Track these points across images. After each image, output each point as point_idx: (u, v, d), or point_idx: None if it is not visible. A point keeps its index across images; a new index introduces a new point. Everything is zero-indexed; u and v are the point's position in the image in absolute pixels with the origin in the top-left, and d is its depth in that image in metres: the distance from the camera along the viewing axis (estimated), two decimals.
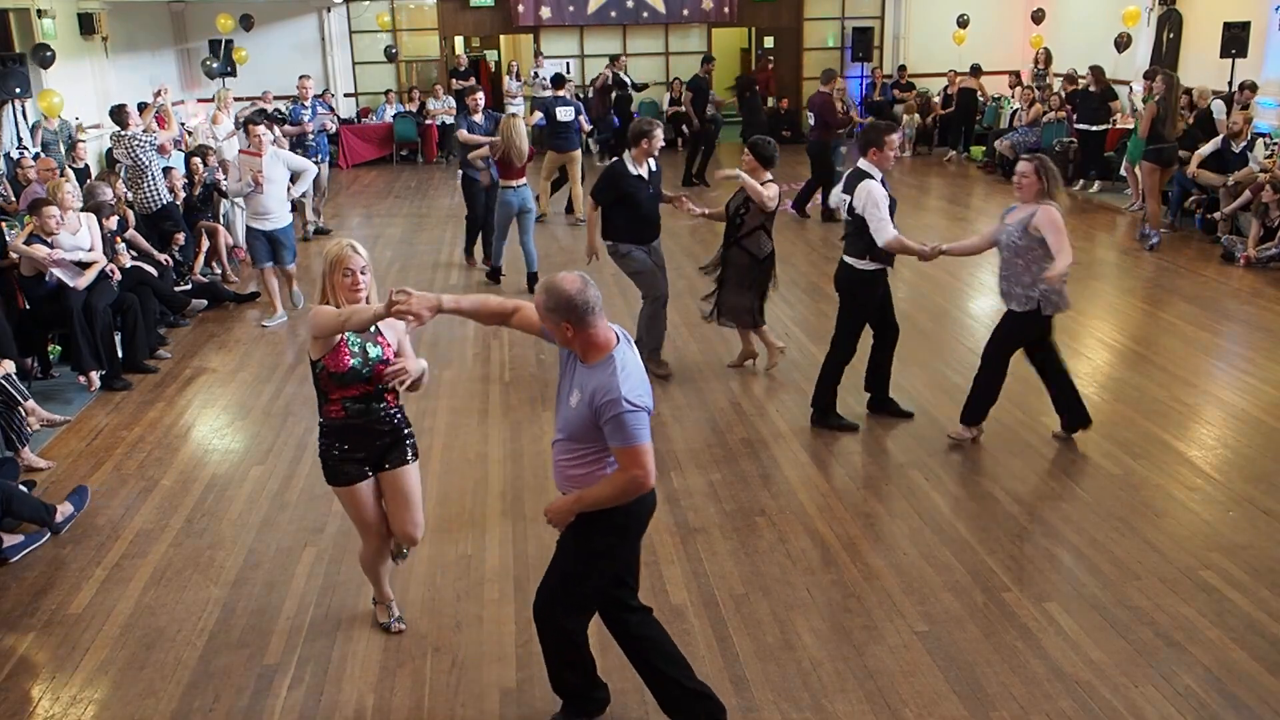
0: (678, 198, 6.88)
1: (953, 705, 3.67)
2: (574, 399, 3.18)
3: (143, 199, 9.01)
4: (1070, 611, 4.20)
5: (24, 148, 10.56)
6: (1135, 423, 6.05)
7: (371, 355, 3.78)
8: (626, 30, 18.19)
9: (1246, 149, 10.22)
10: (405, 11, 17.97)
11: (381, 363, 3.78)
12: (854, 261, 5.77)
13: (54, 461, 5.93)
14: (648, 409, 3.12)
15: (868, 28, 17.70)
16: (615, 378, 3.06)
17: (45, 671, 4.03)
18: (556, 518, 3.32)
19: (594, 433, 3.13)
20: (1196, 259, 9.82)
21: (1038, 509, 5.10)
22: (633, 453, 3.09)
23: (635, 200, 6.61)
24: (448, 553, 4.80)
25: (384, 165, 17.13)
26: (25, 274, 7.01)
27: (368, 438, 3.87)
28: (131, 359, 7.34)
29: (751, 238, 6.60)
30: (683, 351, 7.50)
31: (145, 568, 4.74)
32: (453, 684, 3.88)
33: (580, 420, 3.16)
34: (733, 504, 5.21)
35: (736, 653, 4.00)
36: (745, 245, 6.64)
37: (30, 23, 11.82)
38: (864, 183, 5.60)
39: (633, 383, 3.09)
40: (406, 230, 12.11)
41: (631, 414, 3.05)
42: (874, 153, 5.66)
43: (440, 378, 7.12)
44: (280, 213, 8.31)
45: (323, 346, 3.71)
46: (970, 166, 15.48)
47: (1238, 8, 12.15)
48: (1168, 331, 7.72)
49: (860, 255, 5.72)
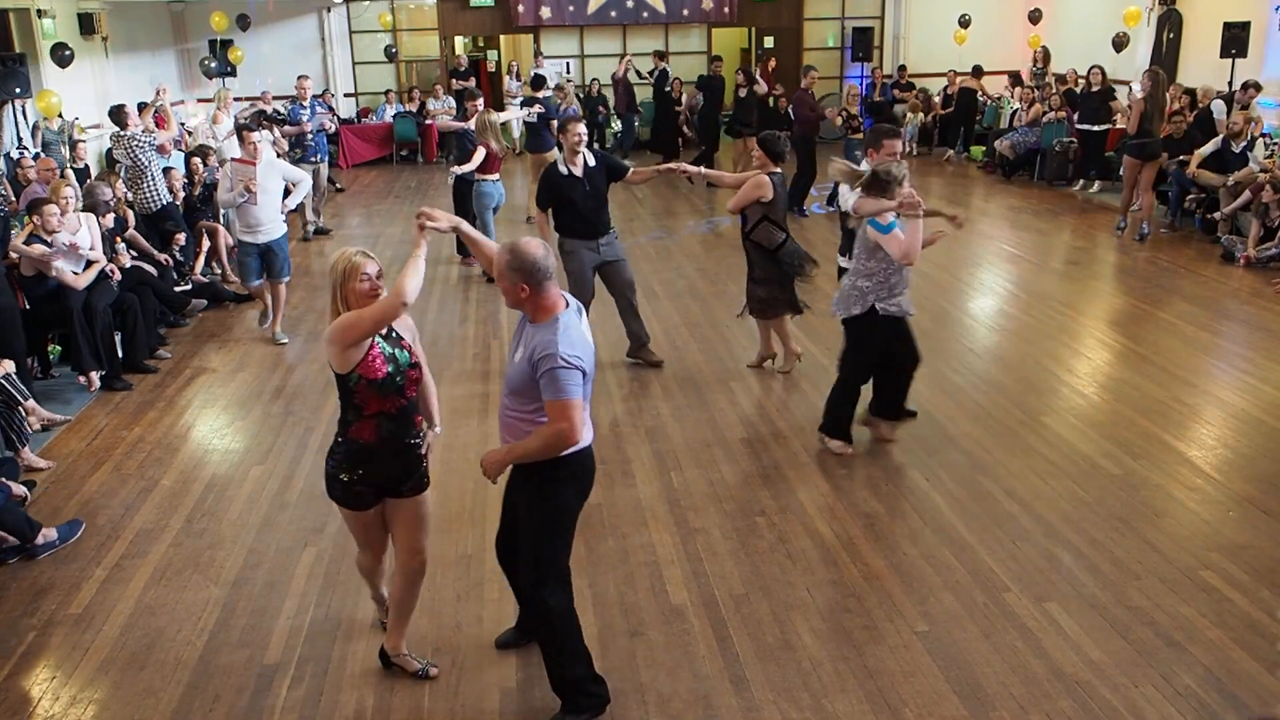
0: (669, 168, 7.07)
1: (953, 705, 3.67)
2: (518, 355, 3.40)
3: (143, 199, 9.00)
4: (1070, 611, 4.20)
5: (24, 148, 10.56)
6: (1135, 423, 6.05)
7: (401, 361, 3.60)
8: (626, 30, 18.20)
9: (1247, 149, 10.22)
10: (405, 11, 17.97)
11: (411, 368, 3.62)
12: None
13: (54, 461, 5.93)
14: (583, 369, 3.31)
15: (868, 28, 17.70)
16: (556, 336, 3.28)
17: (45, 671, 4.03)
18: (491, 469, 3.47)
19: (533, 388, 3.33)
20: (1196, 259, 9.82)
21: (1038, 509, 5.10)
22: (560, 406, 3.27)
23: (569, 199, 6.70)
24: (448, 553, 4.80)
25: (384, 165, 17.13)
26: (25, 274, 7.00)
27: (393, 461, 3.65)
28: (131, 359, 7.34)
29: (759, 231, 6.61)
30: (683, 351, 7.50)
31: (145, 568, 4.74)
32: (453, 684, 3.88)
33: (521, 375, 3.37)
34: (733, 504, 5.21)
35: (736, 653, 4.00)
36: (754, 239, 6.66)
37: (30, 23, 11.83)
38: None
39: (571, 341, 3.29)
40: (407, 230, 12.10)
41: (564, 370, 3.25)
42: (871, 154, 5.65)
43: (440, 378, 7.12)
44: (273, 224, 7.73)
45: (353, 356, 3.48)
46: (970, 166, 15.48)
47: (1238, 8, 12.15)
48: (1168, 331, 7.72)
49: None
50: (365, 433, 3.59)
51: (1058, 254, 10.29)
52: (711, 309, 8.54)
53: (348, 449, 3.62)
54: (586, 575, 4.57)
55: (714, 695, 3.76)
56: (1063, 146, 13.35)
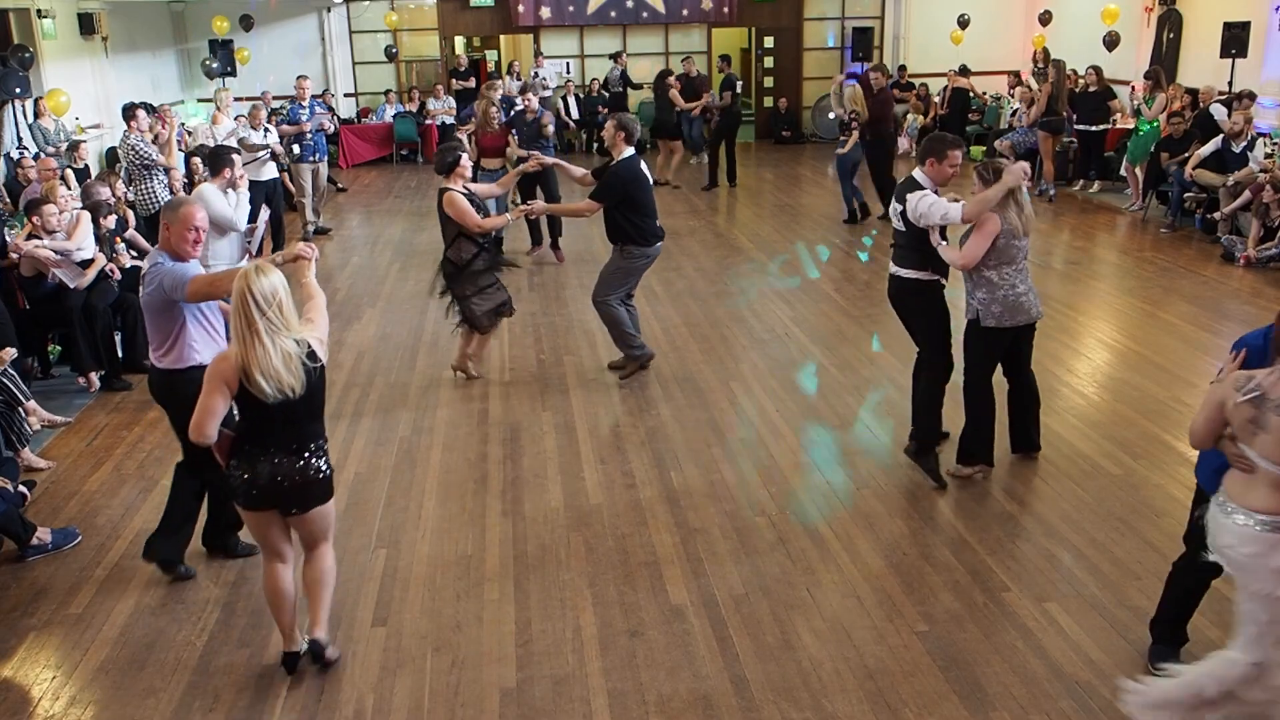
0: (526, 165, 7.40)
1: (953, 705, 3.67)
2: None
3: (143, 201, 9.01)
4: (1070, 611, 4.20)
5: (24, 148, 10.56)
6: (1135, 423, 6.05)
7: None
8: (626, 30, 18.19)
9: (1247, 149, 10.21)
10: (405, 11, 17.97)
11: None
12: (907, 273, 5.39)
13: (54, 461, 5.93)
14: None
15: (868, 28, 17.69)
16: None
17: (45, 672, 4.03)
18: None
19: None
20: (1196, 259, 9.82)
21: (1038, 509, 5.10)
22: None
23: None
24: (448, 553, 4.80)
25: (384, 165, 17.13)
26: (25, 274, 7.00)
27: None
28: (131, 359, 7.33)
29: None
30: (683, 351, 7.50)
31: (145, 568, 4.73)
32: (453, 684, 3.88)
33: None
34: (732, 504, 5.21)
35: (736, 653, 4.00)
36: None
37: (30, 23, 11.83)
38: (915, 193, 5.25)
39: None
40: (406, 230, 12.11)
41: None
42: (932, 164, 5.33)
43: (440, 377, 7.12)
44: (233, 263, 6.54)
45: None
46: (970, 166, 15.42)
47: (1238, 8, 12.14)
48: (1168, 331, 7.72)
49: (918, 266, 5.35)
50: None
51: (1058, 254, 10.29)
52: (711, 309, 8.54)
53: None
54: (586, 575, 4.57)
55: (714, 695, 3.76)
56: (1063, 146, 13.34)
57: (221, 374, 3.58)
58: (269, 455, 3.68)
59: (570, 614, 4.28)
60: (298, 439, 3.71)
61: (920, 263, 5.34)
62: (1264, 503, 3.07)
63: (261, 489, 3.69)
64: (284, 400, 3.57)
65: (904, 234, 5.37)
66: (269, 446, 3.68)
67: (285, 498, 3.73)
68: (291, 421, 3.67)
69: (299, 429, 3.70)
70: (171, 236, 4.28)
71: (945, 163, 5.31)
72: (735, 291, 9.05)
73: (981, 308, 5.16)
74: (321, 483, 3.78)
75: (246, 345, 3.52)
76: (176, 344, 4.35)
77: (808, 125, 18.70)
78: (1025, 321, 5.23)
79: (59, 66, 12.20)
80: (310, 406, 3.70)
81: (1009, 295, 5.10)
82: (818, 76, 18.26)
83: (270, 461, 3.67)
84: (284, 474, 3.68)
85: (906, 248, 5.39)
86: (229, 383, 3.57)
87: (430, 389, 6.90)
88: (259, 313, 3.51)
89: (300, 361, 3.59)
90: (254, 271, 3.57)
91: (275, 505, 3.76)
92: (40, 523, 5.00)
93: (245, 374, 3.53)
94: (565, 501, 5.27)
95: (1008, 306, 5.12)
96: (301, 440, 3.72)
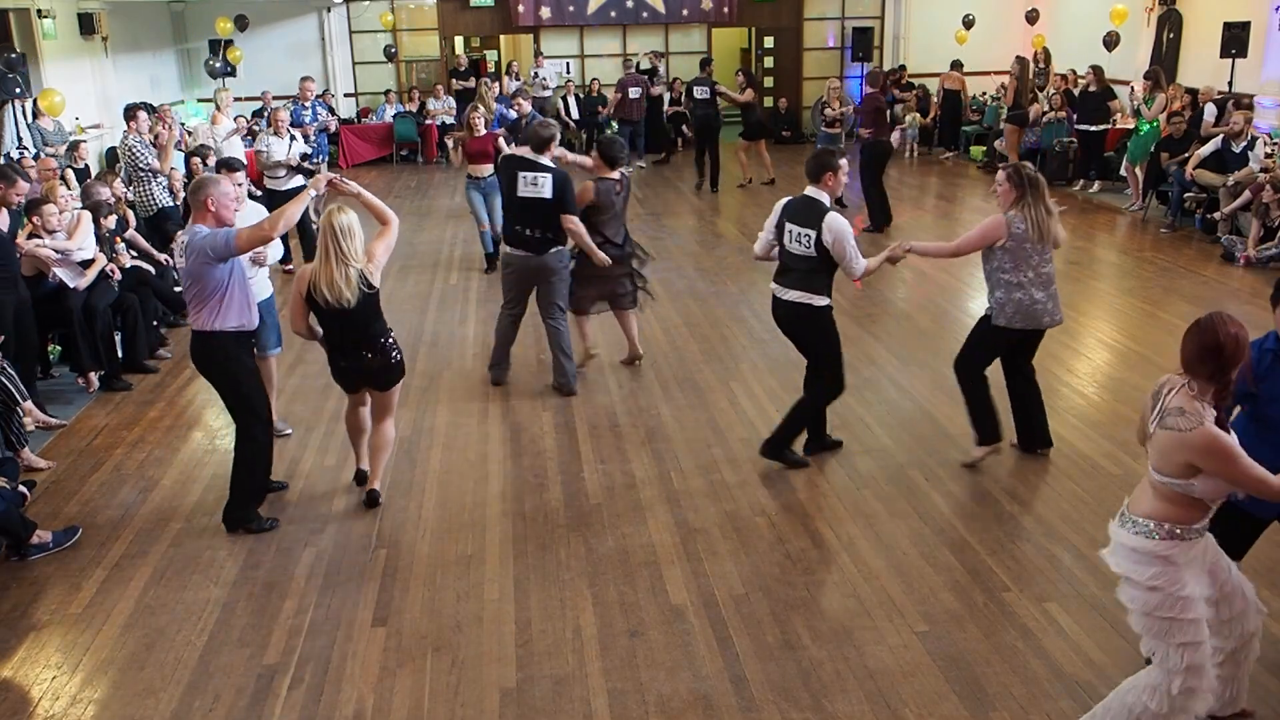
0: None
1: (953, 705, 3.67)
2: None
3: (142, 202, 9.01)
4: (1070, 611, 4.20)
5: (24, 148, 10.56)
6: (1135, 423, 6.00)
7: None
8: (626, 30, 18.20)
9: (1247, 149, 10.21)
10: (405, 11, 17.97)
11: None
12: (815, 299, 5.30)
13: (54, 461, 5.93)
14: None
15: (868, 28, 17.70)
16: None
17: (45, 671, 4.03)
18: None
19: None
20: (1196, 259, 9.82)
21: (1038, 509, 5.10)
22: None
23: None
24: (448, 553, 4.80)
25: (384, 165, 17.13)
26: (26, 274, 6.99)
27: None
28: (131, 359, 7.34)
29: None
30: (683, 351, 7.50)
31: (145, 568, 4.74)
32: (453, 684, 3.88)
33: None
34: (732, 504, 5.21)
35: (736, 653, 4.00)
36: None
37: (30, 23, 11.83)
38: (829, 216, 5.15)
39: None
40: (407, 230, 12.06)
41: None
42: (829, 179, 5.25)
43: (440, 377, 7.12)
44: (257, 283, 5.62)
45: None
46: (970, 166, 15.47)
47: (1238, 8, 12.14)
48: (1168, 331, 7.71)
49: (822, 292, 5.30)
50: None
51: (1058, 254, 10.22)
52: (711, 309, 8.54)
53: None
54: (586, 575, 4.57)
55: (714, 695, 3.76)
56: (1063, 146, 13.35)
57: (301, 278, 4.87)
58: (342, 351, 5.01)
59: (570, 614, 4.28)
60: (355, 340, 4.95)
61: (827, 287, 5.32)
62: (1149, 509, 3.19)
63: (343, 372, 5.11)
64: (339, 310, 4.79)
65: (812, 258, 5.22)
66: (338, 345, 5.01)
67: (373, 377, 5.08)
68: (350, 327, 4.90)
69: (357, 333, 4.93)
70: (212, 205, 4.74)
71: (840, 173, 5.31)
72: (736, 291, 9.05)
73: (996, 305, 5.27)
74: (394, 366, 5.05)
75: (320, 262, 4.78)
76: (221, 306, 4.81)
77: (807, 125, 18.70)
78: (1035, 328, 5.29)
79: (59, 66, 12.20)
80: (365, 316, 4.89)
81: (1024, 300, 5.19)
82: (818, 76, 18.25)
83: (345, 356, 5.02)
84: (362, 363, 5.01)
85: (812, 272, 5.26)
86: (300, 290, 4.84)
87: (430, 389, 6.90)
88: (334, 241, 4.75)
89: (357, 285, 4.79)
90: (337, 210, 4.78)
91: (365, 385, 5.15)
92: (40, 523, 4.99)
93: (313, 284, 4.78)
94: (565, 501, 5.27)
95: (1021, 310, 5.21)
96: (360, 341, 4.96)
